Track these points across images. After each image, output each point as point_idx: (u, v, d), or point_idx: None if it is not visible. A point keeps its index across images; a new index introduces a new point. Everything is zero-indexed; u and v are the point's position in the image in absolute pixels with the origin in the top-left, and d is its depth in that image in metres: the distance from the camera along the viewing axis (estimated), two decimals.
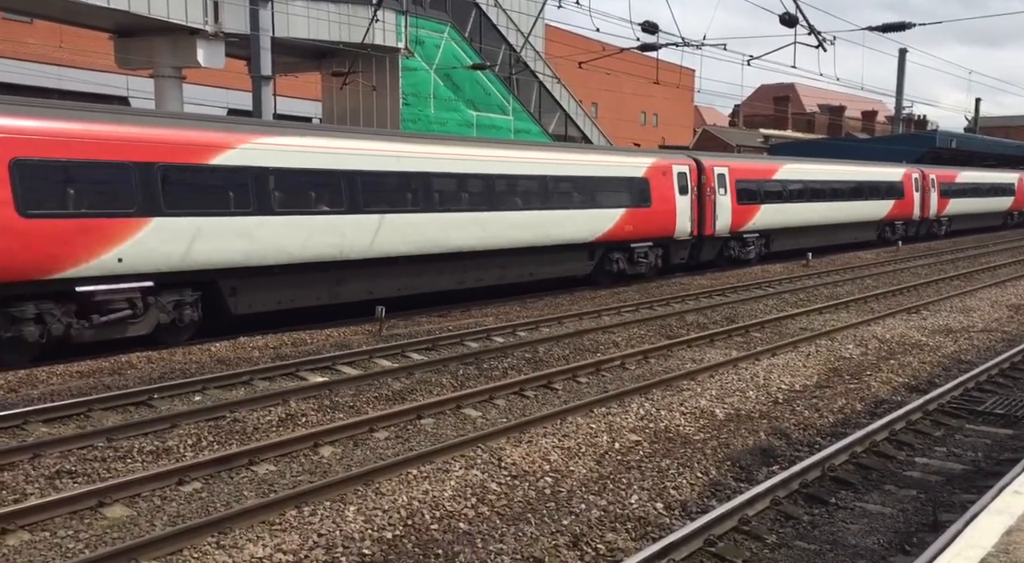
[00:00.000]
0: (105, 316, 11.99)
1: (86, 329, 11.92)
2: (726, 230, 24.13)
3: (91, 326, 11.93)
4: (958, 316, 17.19)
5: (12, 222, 10.89)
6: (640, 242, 21.09)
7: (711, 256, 24.45)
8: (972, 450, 9.02)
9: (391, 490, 7.50)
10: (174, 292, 12.78)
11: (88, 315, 11.81)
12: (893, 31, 19.27)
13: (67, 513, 6.97)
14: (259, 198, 13.43)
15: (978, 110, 66.67)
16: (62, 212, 11.43)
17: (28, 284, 11.10)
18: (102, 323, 12.01)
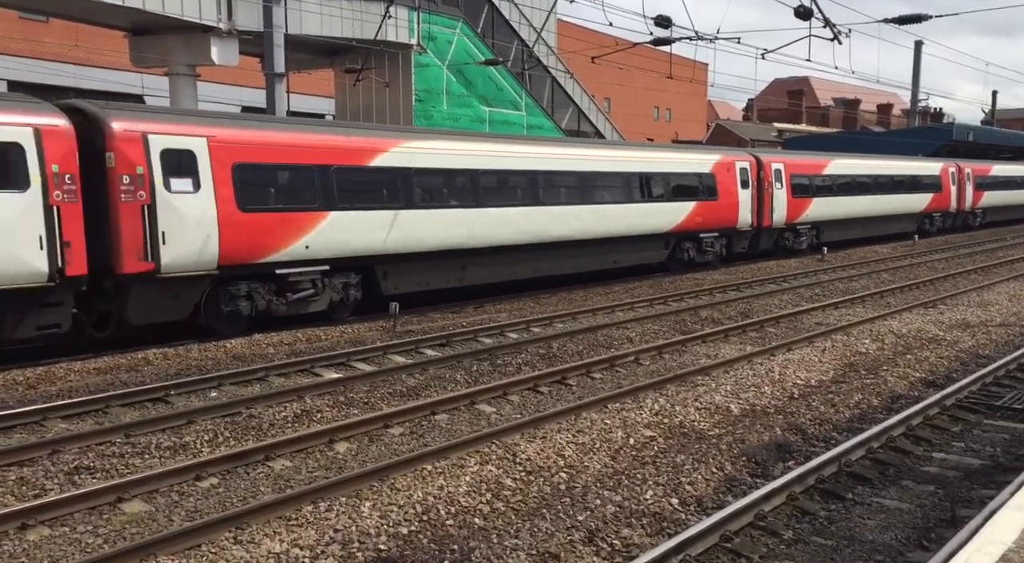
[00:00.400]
0: (296, 294, 14.28)
1: (282, 305, 14.20)
2: (782, 222, 26.05)
3: (286, 303, 14.22)
4: (976, 310, 17.05)
5: (235, 216, 13.14)
6: (708, 232, 23.14)
7: (768, 245, 26.33)
8: (990, 445, 8.96)
9: (406, 486, 7.52)
10: (343, 275, 15.04)
11: (284, 293, 14.17)
12: (909, 23, 19.12)
13: (86, 508, 7.04)
14: (405, 194, 15.60)
15: (995, 103, 66.05)
16: (268, 207, 13.71)
17: (243, 267, 13.47)
18: (294, 300, 14.31)
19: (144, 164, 12.10)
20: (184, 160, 12.57)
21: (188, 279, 12.71)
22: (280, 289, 14.04)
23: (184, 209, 12.49)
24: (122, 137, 11.94)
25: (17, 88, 27.93)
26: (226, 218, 12.95)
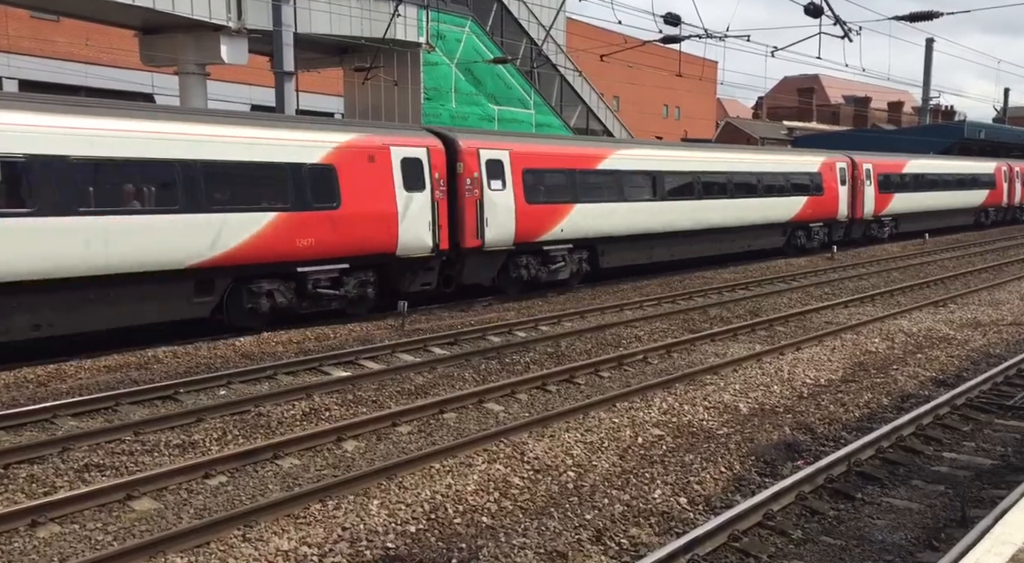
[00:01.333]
0: (553, 265, 18.70)
1: (544, 273, 18.56)
2: (870, 214, 30.17)
3: (547, 272, 18.64)
4: (987, 309, 16.96)
5: (524, 207, 17.60)
6: (815, 222, 27.44)
7: (859, 234, 30.16)
8: (1001, 445, 8.91)
9: (414, 484, 7.53)
10: (578, 252, 19.33)
11: (546, 265, 18.67)
12: (920, 20, 19.00)
13: (96, 506, 7.07)
14: (619, 190, 19.90)
15: (1007, 100, 65.63)
16: (541, 200, 18.09)
17: (526, 245, 17.97)
18: (552, 270, 18.71)
19: (478, 170, 16.75)
20: (497, 167, 17.16)
21: (497, 253, 17.44)
22: (543, 262, 18.57)
23: (498, 202, 17.03)
24: (466, 152, 16.67)
25: (28, 86, 28.08)
26: (520, 209, 17.55)
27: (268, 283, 13.91)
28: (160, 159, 12.33)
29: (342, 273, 14.85)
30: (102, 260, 11.78)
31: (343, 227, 14.59)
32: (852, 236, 29.64)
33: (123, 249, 11.92)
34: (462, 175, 16.44)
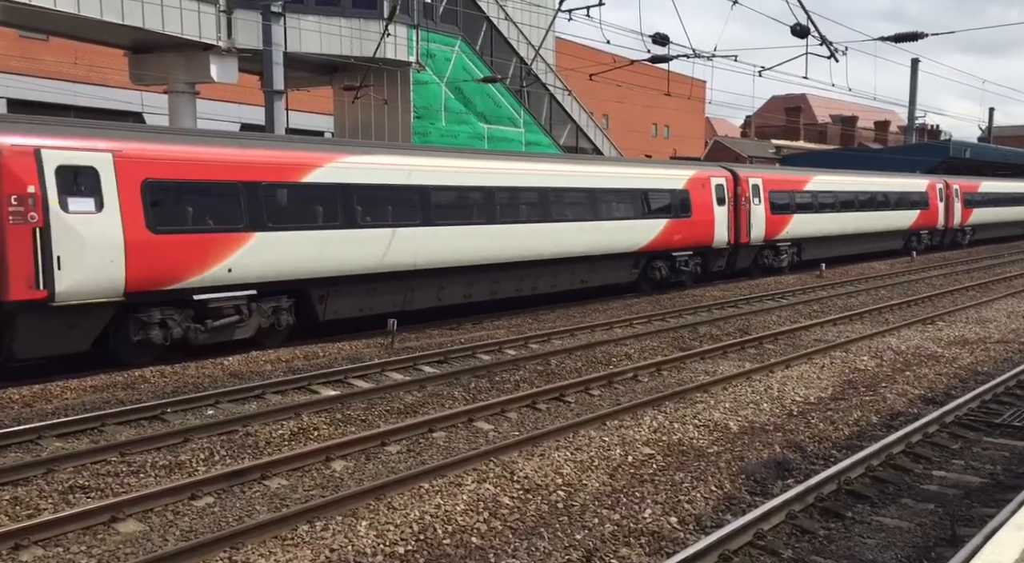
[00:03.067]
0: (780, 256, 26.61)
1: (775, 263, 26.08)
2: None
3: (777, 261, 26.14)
4: (974, 327, 17.04)
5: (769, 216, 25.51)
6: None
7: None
8: (990, 463, 8.91)
9: (403, 504, 7.47)
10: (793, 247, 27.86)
11: (777, 257, 25.87)
12: (905, 41, 19.22)
13: (80, 528, 6.98)
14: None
15: (992, 120, 66.33)
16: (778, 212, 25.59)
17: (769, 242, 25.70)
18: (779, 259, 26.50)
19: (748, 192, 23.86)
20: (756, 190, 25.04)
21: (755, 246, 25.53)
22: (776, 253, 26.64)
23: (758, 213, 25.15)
24: (743, 180, 24.22)
25: (16, 106, 28.03)
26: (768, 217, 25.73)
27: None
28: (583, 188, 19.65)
29: (689, 257, 22.92)
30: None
31: (691, 229, 22.47)
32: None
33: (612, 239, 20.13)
34: (740, 195, 24.11)
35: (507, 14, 33.25)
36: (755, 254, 25.96)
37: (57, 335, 11.65)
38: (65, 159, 11.38)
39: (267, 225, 13.53)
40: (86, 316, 11.77)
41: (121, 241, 11.84)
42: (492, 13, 32.46)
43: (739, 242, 24.65)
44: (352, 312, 15.35)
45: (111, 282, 11.75)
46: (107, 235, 11.70)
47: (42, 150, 11.21)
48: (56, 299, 11.23)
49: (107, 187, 11.73)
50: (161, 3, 21.98)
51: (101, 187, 11.68)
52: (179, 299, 12.75)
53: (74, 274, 11.33)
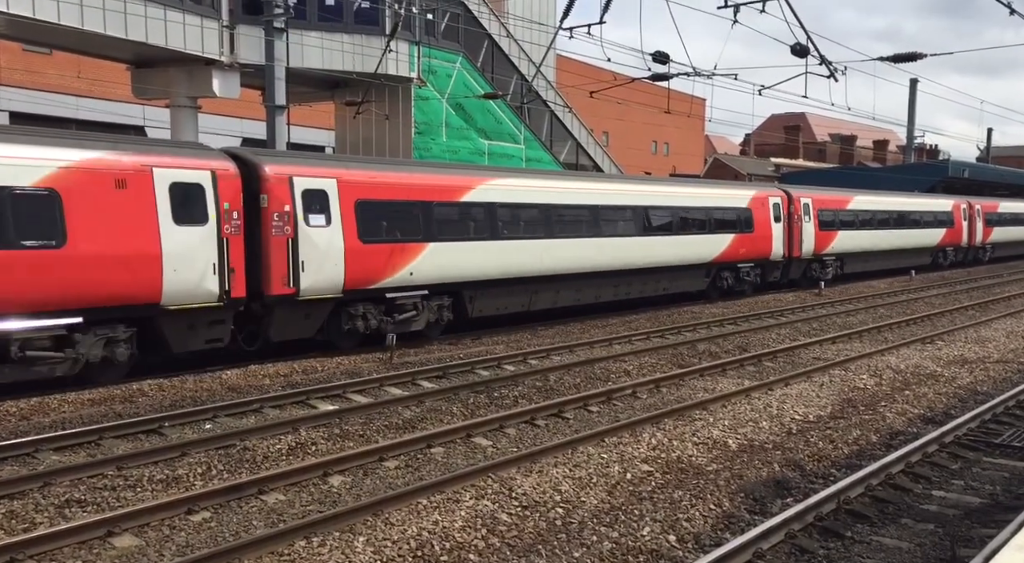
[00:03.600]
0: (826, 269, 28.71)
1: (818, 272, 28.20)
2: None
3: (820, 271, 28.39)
4: (973, 346, 17.03)
5: (817, 232, 28.05)
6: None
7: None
8: (990, 483, 8.89)
9: (401, 520, 7.44)
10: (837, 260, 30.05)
11: (824, 269, 28.31)
12: (904, 61, 19.34)
13: (76, 543, 6.94)
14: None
15: (990, 140, 66.56)
16: (824, 229, 28.35)
17: (818, 255, 27.97)
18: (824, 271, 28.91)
19: (800, 211, 26.89)
20: (807, 208, 27.38)
21: (806, 259, 27.88)
22: (823, 267, 28.78)
23: (808, 230, 27.17)
24: (795, 199, 26.51)
25: (19, 119, 28.11)
26: (816, 233, 27.54)
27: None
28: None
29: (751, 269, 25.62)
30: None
31: (753, 243, 24.81)
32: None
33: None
34: (793, 213, 26.73)
35: (508, 31, 33.45)
36: (805, 267, 28.50)
37: (298, 323, 14.51)
38: (308, 184, 14.29)
39: (436, 237, 16.23)
40: (317, 308, 14.68)
41: (342, 249, 14.67)
42: (493, 30, 32.66)
43: (791, 255, 27.18)
44: (492, 311, 17.93)
45: (335, 281, 14.62)
46: (334, 244, 14.56)
47: (293, 177, 14.10)
48: (301, 294, 14.13)
49: (333, 206, 14.61)
50: (164, 18, 22.10)
51: (329, 206, 14.55)
52: (376, 296, 15.52)
53: (313, 275, 14.25)
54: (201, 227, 12.81)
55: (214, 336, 13.44)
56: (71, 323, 11.62)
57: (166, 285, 12.43)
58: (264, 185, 13.74)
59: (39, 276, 11.19)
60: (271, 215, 13.70)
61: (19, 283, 11.00)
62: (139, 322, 12.53)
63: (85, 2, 20.31)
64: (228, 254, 13.09)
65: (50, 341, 11.57)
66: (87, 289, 11.64)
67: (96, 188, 11.80)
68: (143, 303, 12.32)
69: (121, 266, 11.92)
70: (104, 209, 11.83)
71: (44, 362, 11.55)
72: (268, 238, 13.68)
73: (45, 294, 11.26)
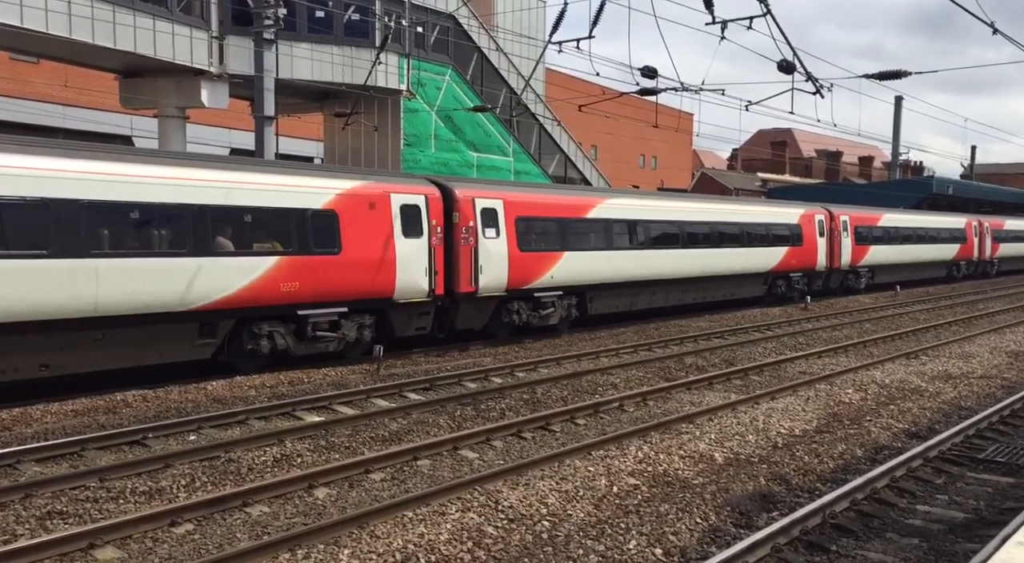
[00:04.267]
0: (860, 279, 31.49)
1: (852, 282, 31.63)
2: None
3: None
4: (957, 362, 17.14)
5: (853, 247, 30.90)
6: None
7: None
8: (974, 498, 8.93)
9: (386, 533, 7.40)
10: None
11: (858, 279, 32.01)
12: (889, 79, 19.52)
13: (57, 555, 6.87)
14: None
15: (974, 157, 67.23)
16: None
17: (852, 267, 31.49)
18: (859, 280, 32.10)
19: (840, 228, 30.05)
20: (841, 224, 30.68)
21: (843, 270, 31.41)
22: (858, 276, 32.12)
23: (845, 243, 30.63)
24: (836, 217, 30.05)
25: (5, 128, 27.95)
26: (853, 248, 31.34)
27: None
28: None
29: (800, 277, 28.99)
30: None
31: (802, 255, 28.26)
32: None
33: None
34: (834, 229, 30.16)
35: (498, 45, 33.59)
36: (843, 277, 31.43)
37: (474, 316, 17.84)
38: (485, 204, 17.54)
39: (569, 247, 19.37)
40: (487, 304, 17.98)
41: (507, 256, 17.82)
42: (483, 43, 32.79)
43: (832, 266, 30.55)
44: (605, 309, 21.08)
45: (501, 282, 17.79)
46: (501, 252, 17.74)
47: (475, 198, 17.37)
48: (479, 292, 17.36)
49: (501, 222, 17.82)
50: (153, 28, 22.09)
51: (498, 221, 17.73)
52: (526, 295, 18.60)
53: (487, 277, 17.44)
54: (418, 239, 16.12)
55: (421, 324, 16.80)
56: (341, 311, 15.09)
57: (398, 284, 15.81)
58: (456, 205, 16.98)
59: (326, 275, 14.63)
60: (461, 229, 16.98)
61: (315, 280, 14.46)
62: (376, 312, 15.83)
63: (73, 11, 20.27)
64: (434, 260, 16.41)
65: (328, 324, 14.97)
66: (352, 286, 15.16)
67: (358, 209, 15.19)
68: (383, 297, 15.75)
69: (373, 268, 15.40)
70: (363, 225, 15.24)
71: (324, 340, 14.95)
72: (459, 247, 16.92)
73: (330, 289, 14.75)
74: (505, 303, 18.28)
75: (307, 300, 14.41)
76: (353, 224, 14.99)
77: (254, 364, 14.28)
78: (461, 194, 17.12)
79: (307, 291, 14.35)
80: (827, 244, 29.87)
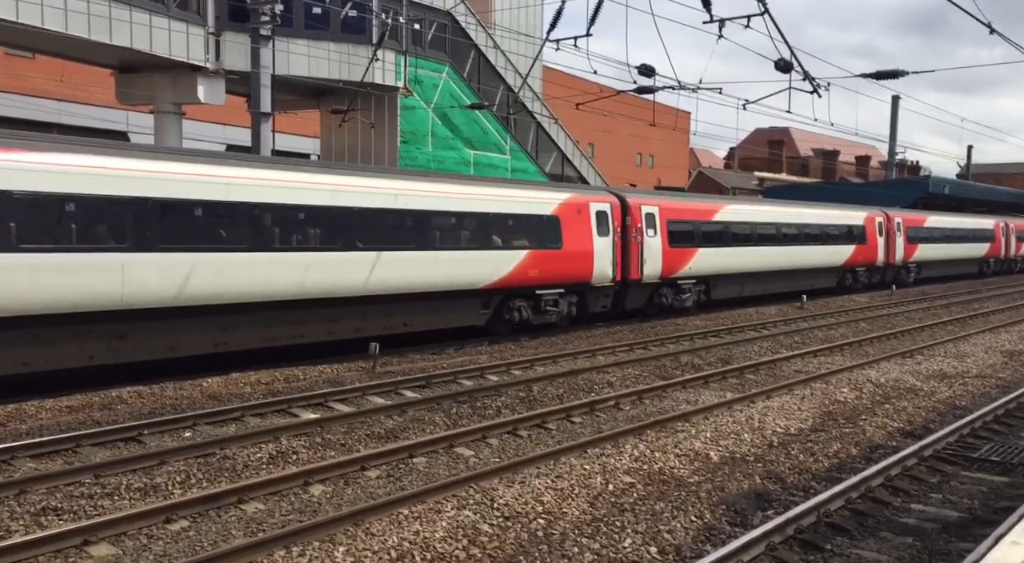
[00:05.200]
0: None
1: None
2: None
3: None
4: (952, 361, 17.18)
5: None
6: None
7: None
8: (968, 497, 8.95)
9: (381, 530, 7.40)
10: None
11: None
12: (886, 78, 19.54)
13: (51, 551, 6.86)
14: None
15: (970, 157, 67.36)
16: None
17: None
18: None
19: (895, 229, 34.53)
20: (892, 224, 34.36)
21: (895, 265, 35.20)
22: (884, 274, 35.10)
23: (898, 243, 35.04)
24: (891, 218, 34.42)
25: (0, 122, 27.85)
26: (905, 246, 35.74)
27: None
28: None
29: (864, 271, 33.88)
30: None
31: (866, 252, 32.74)
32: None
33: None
34: (890, 229, 34.31)
35: (495, 42, 33.56)
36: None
37: (638, 298, 22.39)
38: (647, 210, 22.02)
39: (702, 245, 23.79)
40: (646, 289, 22.49)
41: (661, 251, 22.29)
42: (480, 41, 32.77)
43: (889, 262, 34.26)
44: (724, 295, 25.71)
45: (657, 272, 22.30)
46: (658, 248, 22.21)
47: (641, 206, 21.89)
48: (643, 280, 21.90)
49: (657, 224, 22.22)
50: (150, 24, 22.03)
51: (656, 224, 22.16)
52: (671, 283, 23.18)
53: (649, 267, 21.94)
54: (607, 238, 20.56)
55: (604, 304, 21.24)
56: (560, 292, 19.70)
57: (595, 271, 20.31)
58: (629, 211, 21.29)
59: (553, 264, 19.20)
60: (632, 230, 21.30)
61: (547, 268, 19.04)
62: (579, 293, 20.41)
63: (69, 6, 20.20)
64: (616, 254, 20.79)
65: (553, 301, 19.56)
66: (569, 272, 19.66)
67: (571, 214, 19.69)
68: (584, 281, 20.25)
69: (580, 259, 19.88)
70: (574, 227, 19.70)
71: (550, 313, 19.53)
72: (630, 244, 21.34)
73: (555, 274, 19.34)
74: (658, 289, 22.90)
75: (542, 283, 19.13)
76: (568, 226, 19.53)
77: (507, 330, 19.06)
78: (632, 202, 21.62)
79: (543, 276, 19.00)
80: (885, 242, 33.87)
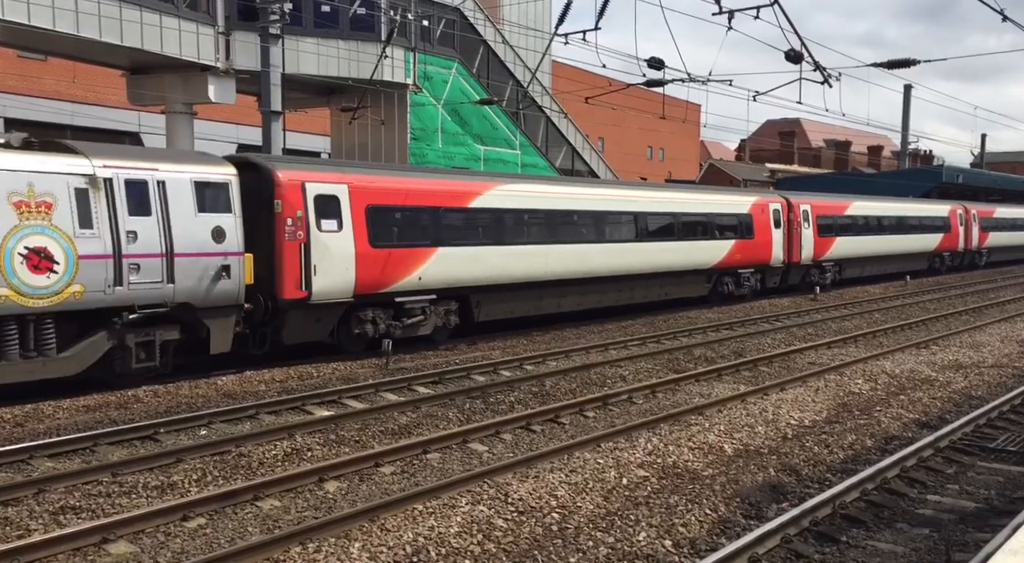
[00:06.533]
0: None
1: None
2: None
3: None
4: (968, 351, 17.07)
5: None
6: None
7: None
8: (985, 488, 8.91)
9: (396, 526, 7.43)
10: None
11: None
12: (898, 67, 19.39)
13: (70, 550, 6.93)
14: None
15: (984, 146, 66.80)
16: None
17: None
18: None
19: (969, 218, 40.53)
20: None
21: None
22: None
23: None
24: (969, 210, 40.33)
25: (14, 125, 28.06)
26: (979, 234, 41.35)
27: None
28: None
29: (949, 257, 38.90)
30: None
31: (951, 239, 38.18)
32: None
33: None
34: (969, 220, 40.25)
35: (504, 37, 33.51)
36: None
37: (797, 276, 28.68)
38: (803, 207, 28.50)
39: (839, 234, 29.41)
40: (800, 269, 28.44)
41: (812, 240, 28.43)
42: (489, 36, 32.73)
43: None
44: (851, 275, 31.30)
45: (810, 256, 28.23)
46: (810, 237, 28.13)
47: (800, 204, 28.32)
48: (801, 262, 27.71)
49: (810, 218, 28.48)
50: (160, 24, 22.12)
51: (808, 218, 28.39)
52: (818, 265, 28.91)
53: (804, 253, 27.78)
54: (779, 230, 26.80)
55: (775, 281, 27.26)
56: (751, 271, 26.05)
57: (772, 255, 26.36)
58: (792, 208, 27.05)
59: (748, 251, 25.35)
60: (794, 223, 27.35)
61: (744, 254, 25.15)
62: (760, 272, 26.46)
63: (80, 8, 20.31)
64: (784, 242, 26.67)
65: (748, 277, 26.06)
66: (757, 256, 25.91)
67: (757, 213, 25.72)
68: (765, 263, 26.26)
69: (763, 247, 26.02)
70: (759, 222, 25.70)
71: (743, 286, 25.88)
72: (793, 234, 27.30)
73: (749, 259, 25.48)
74: (808, 269, 28.30)
75: (742, 264, 25.28)
76: (756, 221, 25.53)
77: (719, 300, 24.82)
78: (794, 202, 27.30)
79: (743, 259, 25.20)
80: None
